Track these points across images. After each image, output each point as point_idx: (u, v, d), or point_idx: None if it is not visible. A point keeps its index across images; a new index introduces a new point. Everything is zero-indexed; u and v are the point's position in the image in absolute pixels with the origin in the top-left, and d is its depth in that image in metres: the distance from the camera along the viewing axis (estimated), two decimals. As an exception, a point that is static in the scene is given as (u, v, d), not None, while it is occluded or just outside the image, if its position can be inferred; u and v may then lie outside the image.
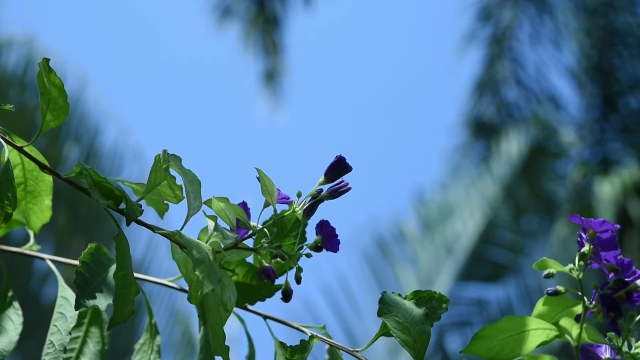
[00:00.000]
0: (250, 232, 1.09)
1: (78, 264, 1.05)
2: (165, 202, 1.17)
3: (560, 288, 1.11)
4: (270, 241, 1.08)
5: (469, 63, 8.80)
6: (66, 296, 1.18)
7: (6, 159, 1.08)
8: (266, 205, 1.09)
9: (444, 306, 1.10)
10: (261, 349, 1.27)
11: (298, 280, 1.09)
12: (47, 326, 1.18)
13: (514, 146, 7.85)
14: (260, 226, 1.09)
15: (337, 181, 1.10)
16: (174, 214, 1.28)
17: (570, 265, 1.09)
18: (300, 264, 1.09)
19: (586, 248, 1.09)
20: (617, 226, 1.08)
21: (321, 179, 1.10)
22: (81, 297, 1.02)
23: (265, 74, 8.70)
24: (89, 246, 1.07)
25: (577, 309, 1.10)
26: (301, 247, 1.10)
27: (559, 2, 8.59)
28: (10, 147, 1.12)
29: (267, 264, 1.11)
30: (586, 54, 8.48)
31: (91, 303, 1.02)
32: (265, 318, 1.24)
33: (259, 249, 1.08)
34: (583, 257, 1.09)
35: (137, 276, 1.06)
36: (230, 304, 1.02)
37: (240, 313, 1.25)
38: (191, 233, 1.04)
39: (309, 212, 1.09)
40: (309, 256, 1.09)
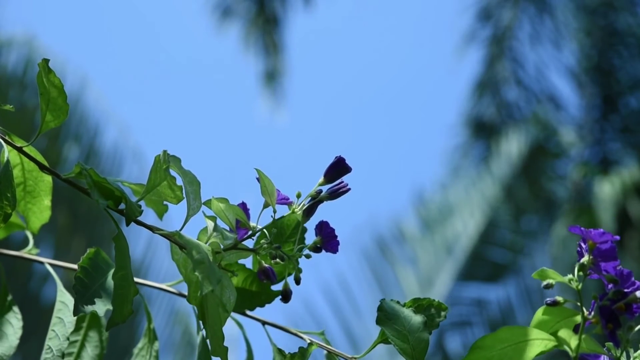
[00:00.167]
0: (250, 232, 1.09)
1: (77, 268, 1.05)
2: (165, 202, 1.17)
3: (559, 299, 1.11)
4: (270, 242, 1.08)
5: (469, 63, 8.80)
6: (65, 301, 1.18)
7: (6, 159, 1.08)
8: (266, 205, 1.09)
9: (443, 314, 1.09)
10: (260, 354, 1.27)
11: (297, 280, 1.09)
12: (47, 326, 1.18)
13: (514, 146, 7.84)
14: (260, 227, 1.09)
15: (337, 182, 1.10)
16: (173, 214, 1.28)
17: (569, 276, 1.09)
18: (299, 264, 1.09)
19: (585, 259, 1.09)
20: (616, 237, 1.08)
21: (321, 179, 1.10)
22: (80, 302, 1.02)
23: (266, 74, 8.70)
24: (88, 251, 1.07)
25: (577, 319, 1.10)
26: (300, 248, 1.09)
27: (559, 2, 8.59)
28: (10, 147, 1.12)
29: (266, 265, 1.11)
30: (586, 54, 8.48)
31: (90, 309, 1.02)
32: (263, 324, 1.23)
33: (258, 250, 1.08)
34: (582, 268, 1.09)
35: (136, 280, 1.06)
36: (229, 305, 1.02)
37: (239, 318, 1.25)
38: (191, 234, 1.04)
39: (308, 213, 1.09)
40: (308, 257, 1.09)
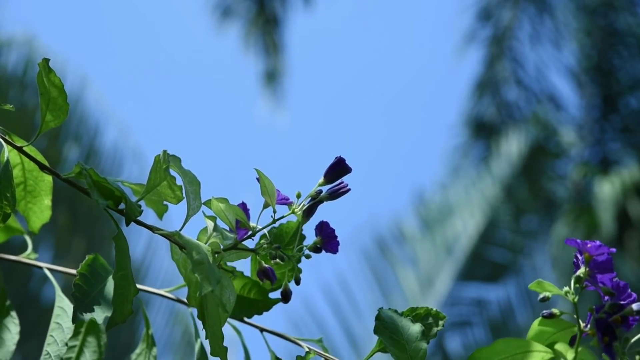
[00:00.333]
0: (250, 232, 1.08)
1: (75, 272, 1.05)
2: (165, 202, 1.16)
3: (556, 311, 1.11)
4: (270, 242, 1.08)
5: (469, 63, 8.79)
6: (63, 306, 1.18)
7: (6, 159, 1.08)
8: (266, 206, 1.09)
9: (441, 323, 1.09)
10: (258, 360, 1.27)
11: (297, 281, 1.08)
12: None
13: (514, 146, 7.84)
14: (260, 227, 1.08)
15: (337, 182, 1.10)
16: (173, 214, 1.28)
17: (565, 289, 1.09)
18: (299, 264, 1.09)
19: (582, 271, 1.09)
20: (613, 250, 1.08)
21: (321, 180, 1.10)
22: (78, 310, 1.02)
23: (266, 74, 8.70)
24: (87, 257, 1.07)
25: (574, 330, 1.10)
26: (300, 248, 1.09)
27: (559, 2, 8.59)
28: (10, 147, 1.12)
29: (266, 265, 1.11)
30: (586, 54, 8.48)
31: (89, 316, 1.01)
32: (262, 331, 1.23)
33: (258, 250, 1.08)
34: (579, 281, 1.09)
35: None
36: (229, 305, 1.02)
37: (237, 325, 1.25)
38: (191, 233, 1.04)
39: (308, 213, 1.09)
40: (308, 257, 1.09)
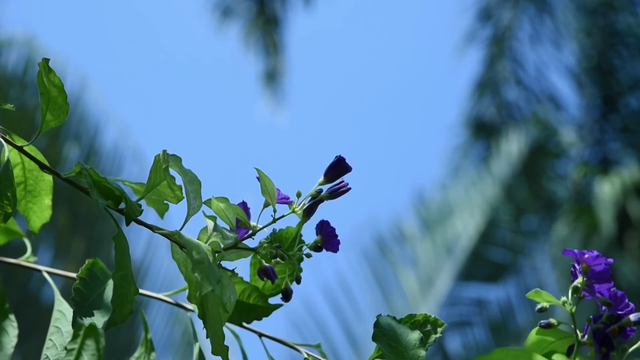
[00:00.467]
0: (250, 232, 1.09)
1: (74, 276, 1.05)
2: (165, 202, 1.16)
3: (553, 321, 1.11)
4: (270, 241, 1.08)
5: (469, 63, 8.79)
6: (62, 310, 1.18)
7: (6, 159, 1.08)
8: (266, 205, 1.09)
9: (439, 330, 1.09)
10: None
11: (298, 280, 1.08)
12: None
13: (514, 146, 7.84)
14: (260, 226, 1.08)
15: (337, 181, 1.10)
16: (173, 213, 1.28)
17: (563, 298, 1.09)
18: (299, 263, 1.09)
19: (579, 281, 1.09)
20: (610, 260, 1.08)
21: (321, 179, 1.10)
22: (78, 314, 1.02)
23: (266, 74, 8.70)
24: (87, 262, 1.07)
25: (572, 340, 1.10)
26: (300, 247, 1.09)
27: (559, 2, 8.59)
28: (10, 147, 1.12)
29: (266, 264, 1.11)
30: (586, 54, 8.48)
31: (88, 321, 1.02)
32: (260, 336, 1.23)
33: (258, 249, 1.08)
34: (576, 291, 1.09)
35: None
36: (230, 304, 1.02)
37: (236, 329, 1.25)
38: (191, 233, 1.04)
39: (308, 212, 1.09)
40: (309, 256, 1.09)
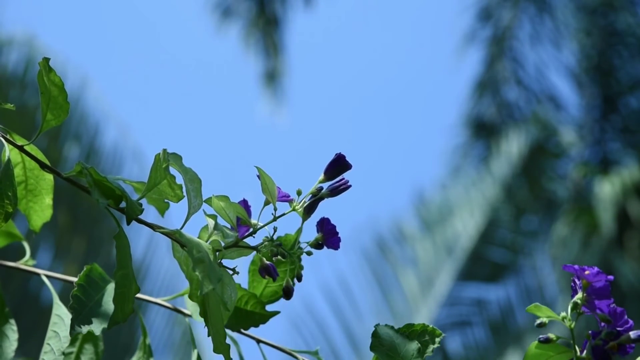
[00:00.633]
0: (251, 230, 1.09)
1: (72, 280, 1.05)
2: (166, 200, 1.17)
3: (552, 336, 1.11)
4: (271, 239, 1.08)
5: (469, 63, 8.79)
6: (60, 314, 1.18)
7: (7, 158, 1.08)
8: (266, 203, 1.09)
9: (437, 340, 1.09)
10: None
11: (299, 277, 1.08)
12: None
13: (514, 146, 7.84)
14: (261, 224, 1.09)
15: (337, 179, 1.10)
16: (174, 212, 1.28)
17: (563, 314, 1.09)
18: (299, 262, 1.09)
19: (579, 297, 1.09)
20: (610, 277, 1.08)
21: (321, 177, 1.10)
22: (76, 322, 1.02)
23: (266, 74, 8.69)
24: (85, 268, 1.07)
25: (570, 353, 1.10)
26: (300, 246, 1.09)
27: (559, 2, 8.58)
28: (11, 146, 1.12)
29: (267, 262, 1.11)
30: (586, 54, 8.48)
31: (86, 328, 1.02)
32: (258, 342, 1.23)
33: (259, 247, 1.08)
34: (576, 307, 1.09)
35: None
36: (231, 303, 1.02)
37: (234, 335, 1.25)
38: (192, 232, 1.04)
39: (309, 210, 1.09)
40: (309, 254, 1.09)
